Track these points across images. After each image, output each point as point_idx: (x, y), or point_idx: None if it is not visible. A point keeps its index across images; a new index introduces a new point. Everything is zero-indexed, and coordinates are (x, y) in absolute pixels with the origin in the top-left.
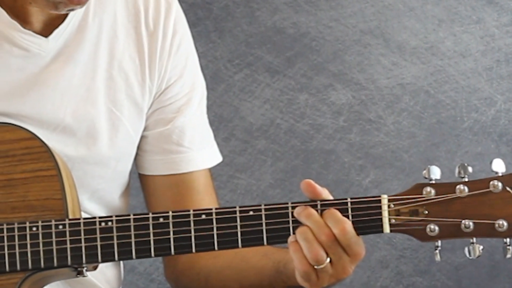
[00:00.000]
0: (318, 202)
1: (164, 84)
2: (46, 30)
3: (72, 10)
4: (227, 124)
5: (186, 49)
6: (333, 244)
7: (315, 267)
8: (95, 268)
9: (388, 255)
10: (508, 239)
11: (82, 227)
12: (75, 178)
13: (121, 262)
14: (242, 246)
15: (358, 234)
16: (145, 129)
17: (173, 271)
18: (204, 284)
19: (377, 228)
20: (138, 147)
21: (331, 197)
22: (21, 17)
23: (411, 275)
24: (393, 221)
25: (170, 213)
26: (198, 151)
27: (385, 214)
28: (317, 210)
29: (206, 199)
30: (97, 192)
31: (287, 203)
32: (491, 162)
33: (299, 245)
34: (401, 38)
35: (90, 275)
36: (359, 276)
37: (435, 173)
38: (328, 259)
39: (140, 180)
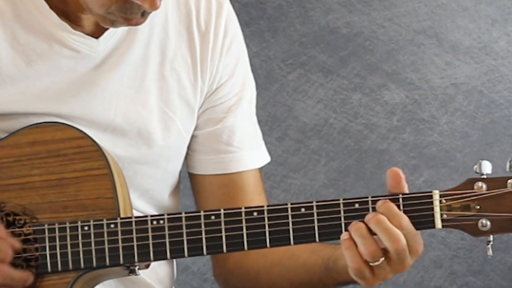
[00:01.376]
0: (370, 199)
1: (215, 84)
2: (97, 32)
3: (128, 26)
4: (280, 124)
5: (237, 49)
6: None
7: (370, 264)
8: (147, 266)
9: (441, 255)
10: None
11: (134, 226)
12: (127, 179)
13: (174, 261)
14: (294, 243)
15: None
16: (195, 129)
17: (221, 271)
18: (254, 282)
19: (429, 223)
20: (188, 147)
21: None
22: (72, 19)
23: (464, 275)
24: (444, 216)
25: (222, 211)
26: (248, 151)
27: (437, 209)
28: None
29: (255, 199)
30: (147, 191)
31: (339, 200)
32: None
33: (352, 242)
34: (454, 38)
35: (142, 273)
36: (412, 276)
37: (487, 168)
38: (383, 258)
39: (190, 180)
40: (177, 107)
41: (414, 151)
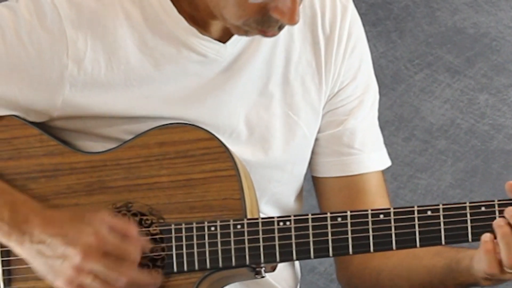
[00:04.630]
0: (496, 202)
1: (337, 86)
2: (224, 36)
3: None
4: (407, 124)
5: (360, 51)
6: None
7: (506, 269)
8: (273, 269)
9: None
10: None
11: (260, 227)
12: (254, 182)
13: (298, 262)
14: (420, 246)
15: None
16: (317, 131)
17: (345, 273)
18: (375, 282)
19: None
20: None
21: None
22: (200, 24)
23: None
24: None
25: (348, 213)
26: (369, 153)
27: None
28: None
29: (378, 201)
30: (274, 195)
31: (465, 203)
32: None
33: (493, 245)
34: None
35: (267, 276)
36: None
37: None
38: None
39: (313, 182)
40: (301, 110)
41: None
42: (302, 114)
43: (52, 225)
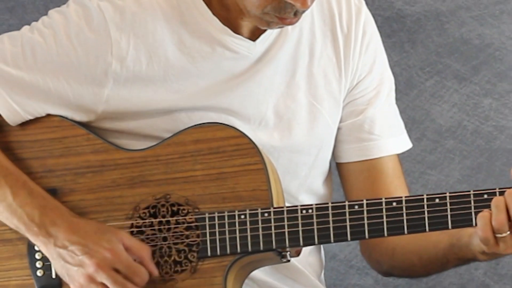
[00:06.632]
0: (497, 190)
1: (355, 79)
2: (253, 35)
3: (282, 27)
4: (419, 125)
5: (375, 47)
6: None
7: (497, 235)
8: (298, 253)
9: None
10: None
11: (285, 215)
12: (282, 166)
13: (322, 249)
14: (429, 230)
15: None
16: (340, 121)
17: (366, 247)
18: (391, 256)
19: None
20: (335, 138)
21: None
22: (232, 25)
23: None
24: None
25: (364, 201)
26: (387, 138)
27: None
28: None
29: (395, 181)
30: (304, 179)
31: (469, 191)
32: None
33: (488, 213)
34: None
35: (294, 260)
36: None
37: None
38: (509, 232)
39: (337, 169)
40: (324, 100)
41: None
42: (325, 104)
43: (77, 234)
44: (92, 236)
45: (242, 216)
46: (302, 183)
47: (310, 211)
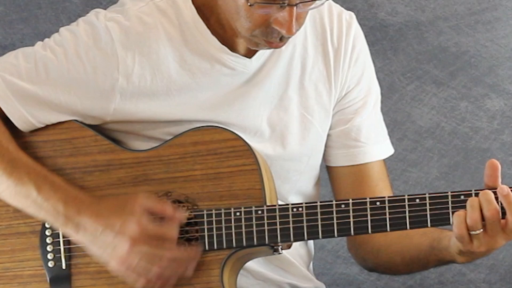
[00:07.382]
0: (473, 191)
1: (344, 90)
2: (249, 52)
3: (269, 48)
4: (400, 127)
5: (363, 60)
6: (495, 220)
7: (471, 232)
8: (289, 246)
9: None
10: None
11: (277, 213)
12: (275, 172)
13: (311, 241)
14: (410, 228)
15: None
16: (329, 128)
17: (353, 245)
18: (376, 255)
19: None
20: (324, 144)
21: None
22: (229, 44)
23: None
24: None
25: (350, 201)
26: (373, 145)
27: None
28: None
29: (380, 184)
30: (295, 183)
31: (447, 192)
32: None
33: (463, 212)
34: None
35: (285, 252)
36: (510, 253)
37: None
38: (481, 230)
39: (327, 171)
40: (315, 112)
41: (511, 149)
42: (315, 115)
43: (101, 217)
44: (115, 214)
45: (238, 213)
46: (292, 186)
47: (300, 209)
